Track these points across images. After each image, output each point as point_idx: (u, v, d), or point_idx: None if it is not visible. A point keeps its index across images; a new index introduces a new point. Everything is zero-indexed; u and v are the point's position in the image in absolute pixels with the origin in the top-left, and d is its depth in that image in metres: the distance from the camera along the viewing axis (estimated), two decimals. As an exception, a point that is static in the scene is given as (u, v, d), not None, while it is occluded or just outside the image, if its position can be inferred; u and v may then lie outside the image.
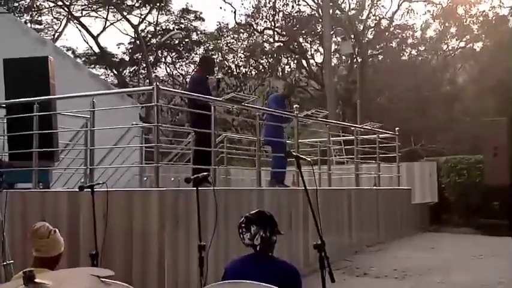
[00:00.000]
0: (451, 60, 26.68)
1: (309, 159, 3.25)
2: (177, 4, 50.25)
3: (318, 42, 26.81)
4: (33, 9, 26.28)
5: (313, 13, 26.94)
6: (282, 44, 27.92)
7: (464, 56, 26.64)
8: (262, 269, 3.13)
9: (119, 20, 27.40)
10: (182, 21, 28.91)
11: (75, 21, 27.10)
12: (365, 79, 23.15)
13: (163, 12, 28.28)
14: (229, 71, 27.96)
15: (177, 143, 14.50)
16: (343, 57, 26.73)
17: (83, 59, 27.53)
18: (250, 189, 7.84)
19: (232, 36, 28.72)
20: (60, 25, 27.67)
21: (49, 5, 26.39)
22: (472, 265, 8.06)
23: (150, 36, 29.02)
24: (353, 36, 24.70)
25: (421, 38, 27.01)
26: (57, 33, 27.59)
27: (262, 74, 28.41)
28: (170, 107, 25.06)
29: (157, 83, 6.75)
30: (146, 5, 27.21)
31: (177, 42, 29.01)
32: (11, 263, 4.93)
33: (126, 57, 29.11)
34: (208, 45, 29.16)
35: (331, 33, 22.02)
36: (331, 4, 24.35)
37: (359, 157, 10.87)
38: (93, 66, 27.45)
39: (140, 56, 27.88)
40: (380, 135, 11.53)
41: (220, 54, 28.38)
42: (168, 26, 28.93)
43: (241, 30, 28.29)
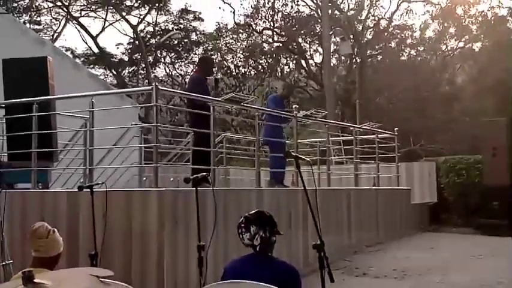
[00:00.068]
0: (450, 60, 26.70)
1: (308, 159, 3.25)
2: (176, 4, 50.21)
3: (317, 42, 26.82)
4: (32, 10, 26.28)
5: (312, 13, 26.94)
6: (281, 44, 27.91)
7: (463, 56, 26.65)
8: (262, 269, 3.12)
9: (117, 20, 27.46)
10: (181, 21, 28.95)
11: (74, 21, 27.11)
12: (364, 79, 23.15)
13: (162, 12, 28.31)
14: (229, 71, 27.96)
15: (176, 143, 14.51)
16: (342, 58, 26.74)
17: (82, 59, 27.54)
18: (250, 190, 7.84)
19: (231, 36, 28.73)
20: (59, 25, 27.72)
21: (48, 5, 26.42)
22: (471, 265, 8.06)
23: (149, 36, 29.04)
24: (352, 36, 24.70)
25: (420, 38, 27.02)
26: (56, 34, 27.62)
27: (262, 74, 28.42)
28: (169, 107, 25.12)
29: (157, 83, 6.74)
30: (145, 5, 27.23)
31: (176, 42, 29.02)
32: (10, 263, 4.93)
33: (125, 58, 29.14)
34: (207, 45, 29.17)
35: (330, 33, 22.06)
36: (330, 4, 24.36)
37: (358, 157, 10.88)
38: (92, 66, 27.45)
39: (139, 56, 27.87)
40: (379, 136, 11.53)
41: (219, 54, 28.39)
42: (167, 26, 28.96)
43: (240, 31, 28.29)
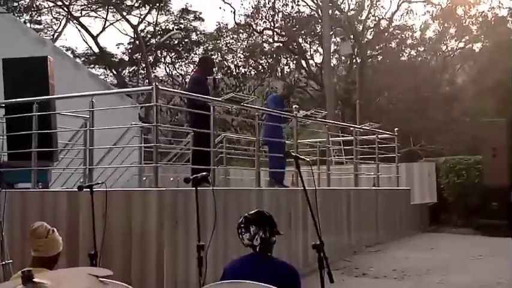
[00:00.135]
0: (450, 60, 26.70)
1: (308, 160, 3.26)
2: (176, 4, 50.16)
3: (318, 42, 26.82)
4: (32, 9, 26.26)
5: (312, 13, 26.95)
6: (281, 45, 27.92)
7: (463, 57, 26.66)
8: (262, 269, 3.12)
9: (118, 20, 27.44)
10: (181, 21, 28.93)
11: (75, 21, 27.09)
12: (364, 79, 23.16)
13: (162, 12, 28.30)
14: (229, 71, 27.96)
15: (176, 143, 14.50)
16: (343, 58, 26.75)
17: (82, 59, 27.53)
18: (250, 190, 7.84)
19: (231, 36, 28.73)
20: (59, 25, 27.71)
21: (48, 4, 26.40)
22: (471, 265, 8.06)
23: (149, 36, 29.02)
24: (352, 36, 24.70)
25: (420, 39, 27.03)
26: (56, 33, 27.62)
27: (262, 74, 28.42)
28: (169, 107, 25.13)
29: (157, 83, 6.75)
30: (146, 5, 27.20)
31: (176, 42, 29.01)
32: (10, 262, 4.94)
33: (126, 57, 29.13)
34: (207, 45, 29.17)
35: (331, 33, 22.06)
36: (331, 4, 24.36)
37: (358, 157, 10.87)
38: (92, 66, 27.44)
39: (139, 56, 27.87)
40: (379, 136, 11.52)
41: (219, 54, 28.39)
42: (167, 26, 28.95)
43: (241, 31, 28.29)
